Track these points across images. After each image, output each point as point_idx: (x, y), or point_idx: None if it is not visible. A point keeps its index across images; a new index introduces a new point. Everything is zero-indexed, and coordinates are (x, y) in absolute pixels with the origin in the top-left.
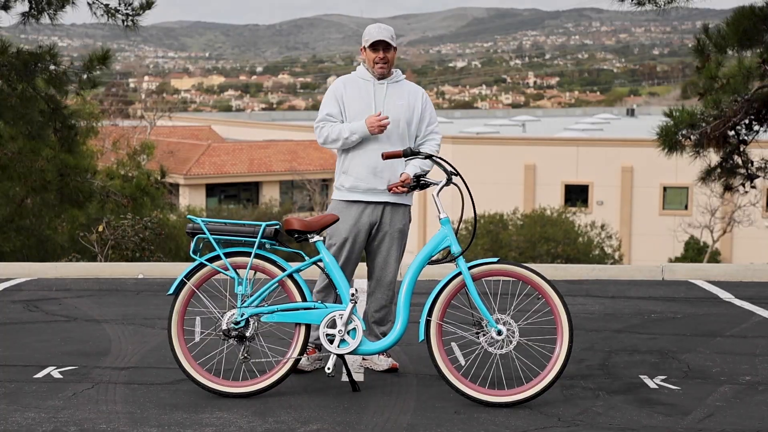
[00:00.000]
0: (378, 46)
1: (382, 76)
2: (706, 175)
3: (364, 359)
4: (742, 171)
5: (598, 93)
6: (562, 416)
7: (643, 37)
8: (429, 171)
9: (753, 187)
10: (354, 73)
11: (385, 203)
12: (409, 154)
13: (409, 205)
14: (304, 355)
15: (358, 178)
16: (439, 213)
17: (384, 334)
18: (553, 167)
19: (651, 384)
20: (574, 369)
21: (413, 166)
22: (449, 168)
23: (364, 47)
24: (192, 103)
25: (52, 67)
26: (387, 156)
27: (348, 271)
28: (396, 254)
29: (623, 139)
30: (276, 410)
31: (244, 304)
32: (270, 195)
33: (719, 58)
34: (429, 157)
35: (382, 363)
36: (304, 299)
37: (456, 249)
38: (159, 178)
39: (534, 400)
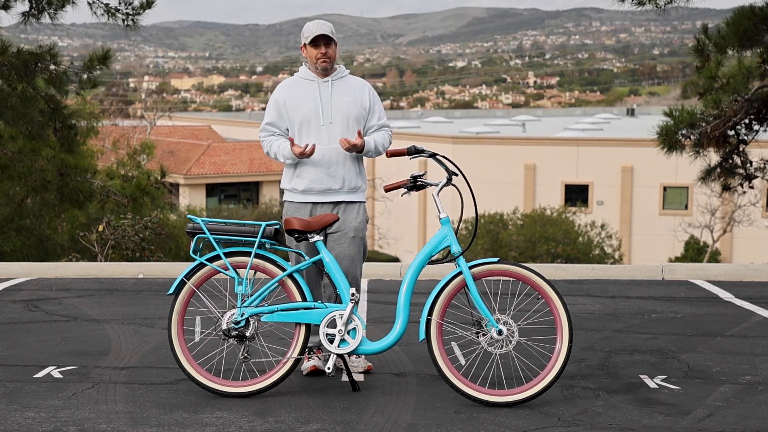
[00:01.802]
0: (319, 41)
1: (325, 72)
2: (706, 175)
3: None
4: (741, 171)
5: (598, 93)
6: (562, 416)
7: (643, 37)
8: (381, 148)
9: (751, 187)
10: (297, 75)
11: (339, 202)
12: (413, 152)
13: (364, 203)
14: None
15: (313, 180)
16: (439, 213)
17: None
18: (553, 167)
19: (651, 384)
20: (574, 369)
21: (371, 139)
22: (451, 168)
23: (305, 44)
24: (192, 103)
25: (52, 67)
26: (391, 154)
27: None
28: (356, 252)
29: (623, 139)
30: (276, 410)
31: (244, 304)
32: (270, 195)
33: (719, 58)
34: (433, 156)
35: (360, 364)
36: (304, 299)
37: (456, 249)
38: (159, 177)
39: (534, 400)
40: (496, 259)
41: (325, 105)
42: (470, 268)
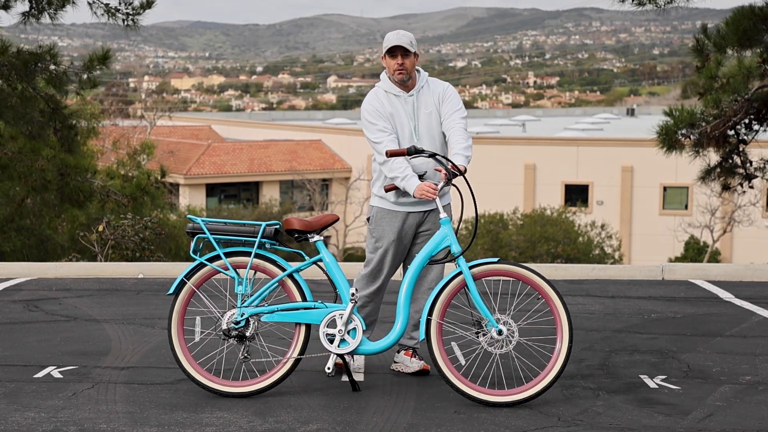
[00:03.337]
0: (395, 51)
1: (402, 83)
2: (706, 175)
3: (395, 362)
4: (741, 171)
5: (598, 93)
6: (562, 416)
7: (643, 37)
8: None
9: (751, 186)
10: (380, 87)
11: (429, 210)
12: (413, 152)
13: (449, 203)
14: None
15: (405, 193)
16: (440, 213)
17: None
18: (553, 167)
19: (651, 384)
20: (574, 369)
21: (462, 158)
22: (451, 168)
23: (384, 55)
24: (192, 103)
25: (52, 67)
26: (391, 154)
27: (391, 274)
28: None
29: (623, 139)
30: (276, 410)
31: (244, 304)
32: (270, 195)
33: (719, 58)
34: (433, 156)
35: (413, 365)
36: (304, 299)
37: (456, 249)
38: (159, 177)
39: (534, 400)
40: (496, 259)
41: (413, 122)
42: (470, 268)
